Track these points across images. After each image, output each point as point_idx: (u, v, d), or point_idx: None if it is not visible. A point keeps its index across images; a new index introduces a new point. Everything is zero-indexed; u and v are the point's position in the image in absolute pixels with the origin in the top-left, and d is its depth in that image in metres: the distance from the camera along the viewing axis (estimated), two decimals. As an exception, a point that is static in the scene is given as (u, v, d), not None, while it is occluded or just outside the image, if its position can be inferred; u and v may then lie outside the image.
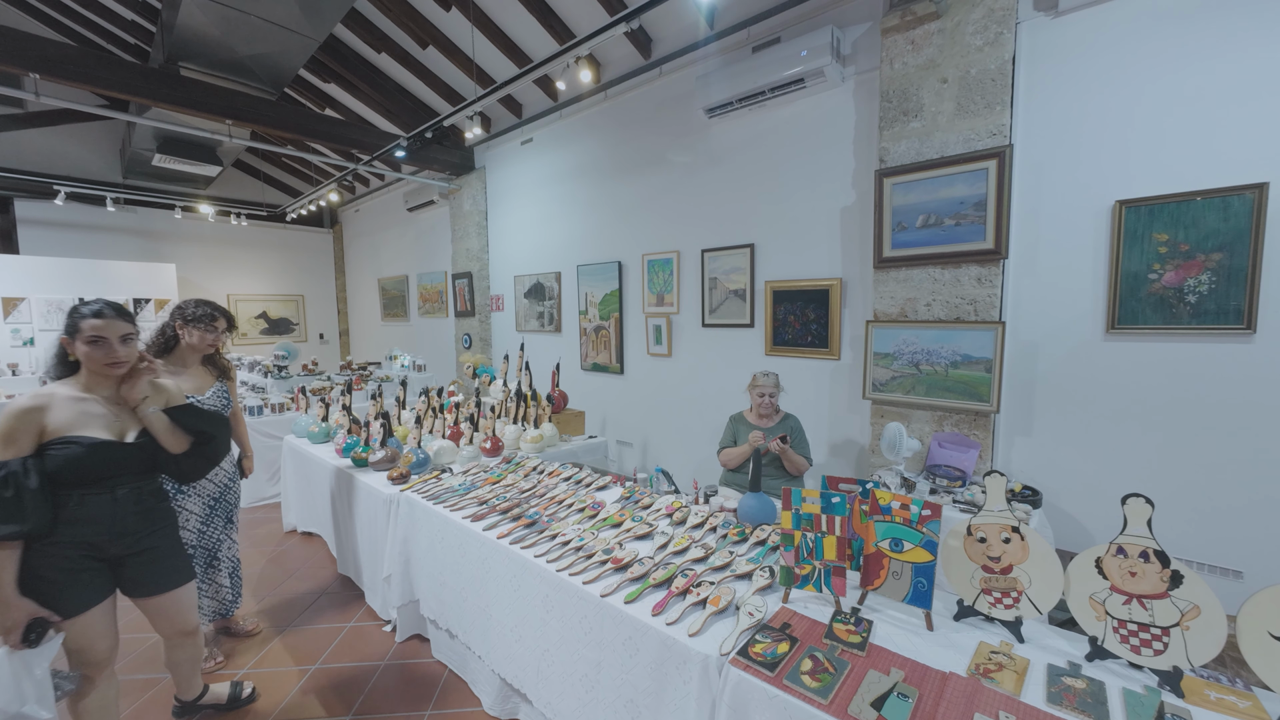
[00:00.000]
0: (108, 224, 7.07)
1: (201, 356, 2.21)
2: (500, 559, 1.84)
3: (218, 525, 2.29)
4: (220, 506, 2.29)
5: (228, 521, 2.34)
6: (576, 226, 4.89)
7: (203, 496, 2.21)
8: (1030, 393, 2.65)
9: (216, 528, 2.29)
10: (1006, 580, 1.29)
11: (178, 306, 2.17)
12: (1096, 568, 1.19)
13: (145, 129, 5.46)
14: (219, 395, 2.21)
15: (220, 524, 2.30)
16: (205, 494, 2.22)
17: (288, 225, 8.52)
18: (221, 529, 2.31)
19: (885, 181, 2.85)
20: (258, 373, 5.51)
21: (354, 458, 2.82)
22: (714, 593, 1.44)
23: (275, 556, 3.31)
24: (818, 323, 3.37)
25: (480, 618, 1.96)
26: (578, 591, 1.55)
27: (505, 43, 4.46)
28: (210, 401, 2.15)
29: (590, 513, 2.05)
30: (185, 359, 2.16)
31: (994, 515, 1.33)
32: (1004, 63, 2.50)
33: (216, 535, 2.29)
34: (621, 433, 4.71)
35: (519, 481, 2.43)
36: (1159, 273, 2.29)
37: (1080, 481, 2.55)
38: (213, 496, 2.25)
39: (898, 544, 1.37)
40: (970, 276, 2.66)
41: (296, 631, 2.55)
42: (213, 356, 2.27)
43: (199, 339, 2.15)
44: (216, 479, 2.25)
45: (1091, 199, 2.44)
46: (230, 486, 2.34)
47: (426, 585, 2.26)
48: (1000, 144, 2.52)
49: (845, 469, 3.36)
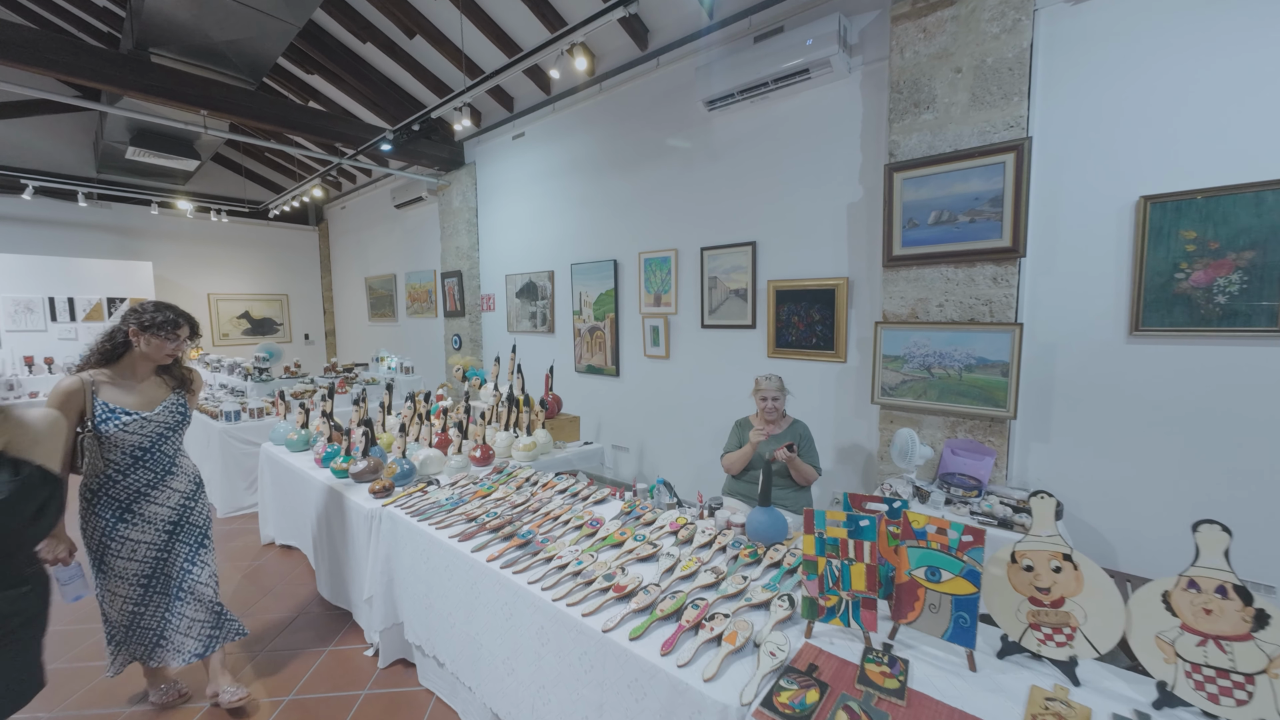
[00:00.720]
0: (80, 220, 6.79)
1: (155, 366, 1.94)
2: (491, 584, 1.69)
3: (182, 553, 1.97)
4: (184, 531, 1.98)
5: (198, 546, 2.01)
6: (570, 224, 4.72)
7: (154, 524, 1.91)
8: (1048, 397, 2.53)
9: (181, 555, 1.97)
10: (1058, 615, 1.16)
11: (133, 309, 1.91)
12: (1164, 603, 1.06)
13: (118, 121, 5.22)
14: (172, 410, 1.93)
15: (186, 550, 1.98)
16: (159, 520, 1.91)
17: (271, 222, 8.26)
18: (188, 556, 1.98)
19: (895, 176, 2.72)
20: (237, 375, 5.29)
21: (334, 468, 2.65)
22: (729, 627, 1.29)
23: (251, 572, 3.13)
24: (823, 324, 3.24)
25: (470, 646, 1.80)
26: (576, 625, 1.40)
27: (495, 32, 4.28)
28: (159, 418, 1.88)
29: (588, 530, 1.90)
30: (135, 368, 1.90)
31: (1042, 540, 1.19)
32: (1022, 51, 2.37)
33: (181, 564, 1.97)
34: (617, 437, 4.55)
35: (511, 495, 2.27)
36: (1186, 272, 2.18)
37: (1101, 491, 2.44)
38: (169, 521, 1.94)
39: (934, 573, 1.23)
40: (985, 276, 2.54)
41: (271, 656, 2.37)
42: (170, 365, 1.99)
43: (156, 348, 1.88)
44: (169, 501, 1.93)
45: (1114, 194, 2.32)
46: (190, 506, 2.01)
47: (411, 608, 2.09)
48: (1018, 136, 2.39)
49: (851, 476, 3.23)
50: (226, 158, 7.85)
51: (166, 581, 1.95)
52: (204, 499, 2.09)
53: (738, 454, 2.65)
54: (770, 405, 2.65)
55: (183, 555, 1.97)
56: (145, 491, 1.88)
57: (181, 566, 1.97)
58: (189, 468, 2.05)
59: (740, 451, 2.64)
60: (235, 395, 4.90)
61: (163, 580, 1.95)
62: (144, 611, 1.92)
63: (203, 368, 6.23)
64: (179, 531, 1.98)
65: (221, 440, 4.04)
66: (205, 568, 2.02)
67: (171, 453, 1.95)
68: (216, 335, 8.10)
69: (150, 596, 1.92)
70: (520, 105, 5.03)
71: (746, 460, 2.64)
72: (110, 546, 1.84)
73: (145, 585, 1.90)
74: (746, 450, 2.62)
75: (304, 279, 8.96)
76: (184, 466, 2.02)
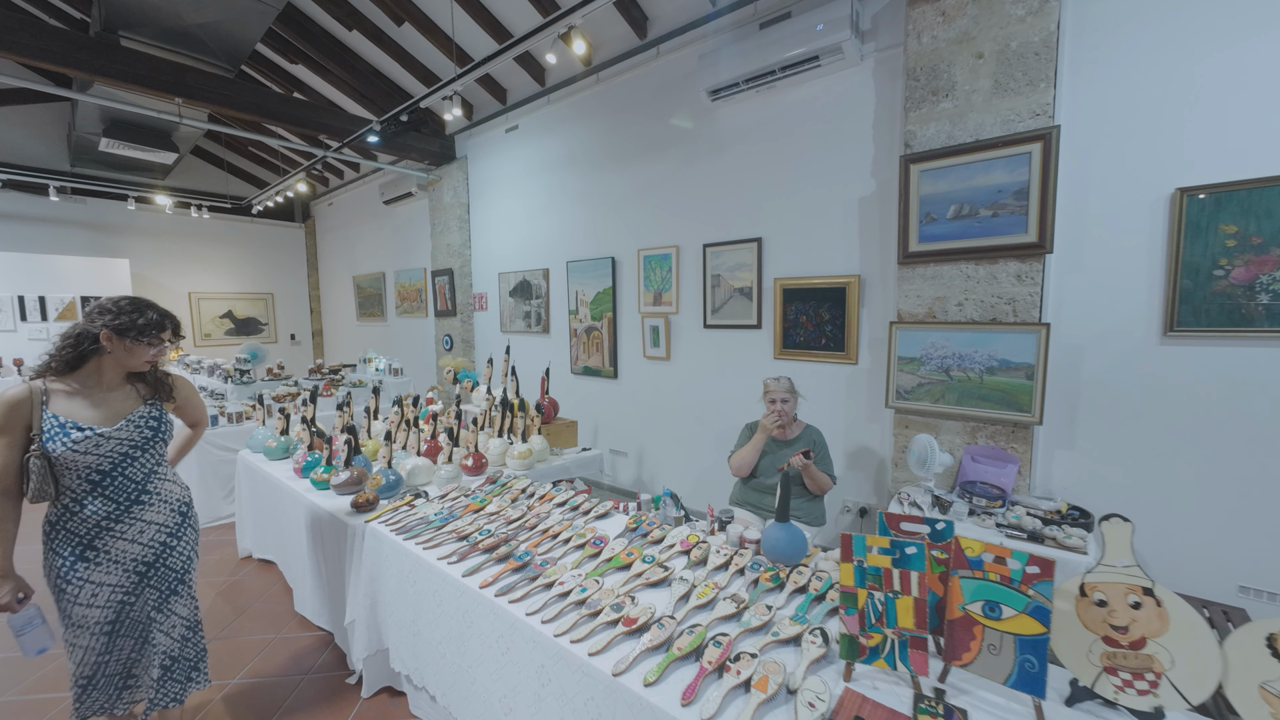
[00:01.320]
0: (52, 215, 6.51)
1: (128, 373, 1.62)
2: (484, 613, 1.52)
3: (150, 599, 1.63)
4: (156, 574, 1.63)
5: (169, 593, 1.66)
6: (566, 220, 4.55)
7: (122, 563, 1.57)
8: (1074, 401, 2.40)
9: (149, 602, 1.63)
10: (1139, 658, 1.01)
11: (103, 308, 1.54)
12: (1269, 647, 0.92)
13: (90, 110, 4.97)
14: (139, 425, 1.58)
15: (156, 597, 1.64)
16: (127, 559, 1.58)
17: (254, 219, 8.00)
18: (156, 605, 1.64)
19: (912, 168, 2.58)
20: (217, 377, 5.06)
21: (314, 479, 2.46)
22: (758, 669, 1.13)
23: (226, 589, 2.93)
24: (833, 324, 3.09)
25: (462, 679, 1.63)
26: (582, 665, 1.23)
27: (487, 19, 4.10)
28: (120, 435, 1.54)
29: (591, 550, 1.73)
30: (103, 376, 1.56)
31: (1117, 571, 1.05)
32: (1049, 34, 2.24)
33: (147, 612, 1.64)
34: (615, 442, 4.39)
35: (506, 508, 2.10)
36: (1226, 269, 2.05)
37: (1130, 500, 2.31)
38: (142, 561, 1.61)
39: (993, 608, 1.08)
40: (1009, 273, 2.40)
41: (243, 687, 2.18)
42: (144, 372, 1.65)
43: (134, 355, 1.56)
44: (144, 538, 1.60)
45: (1147, 186, 2.19)
46: (170, 544, 1.66)
47: (398, 635, 1.92)
48: (1045, 125, 2.26)
49: (862, 484, 3.09)
50: (207, 151, 7.59)
51: (133, 627, 1.64)
52: (190, 534, 1.73)
53: (748, 447, 2.50)
54: (779, 408, 2.51)
55: (151, 602, 1.64)
56: (108, 525, 1.55)
57: (148, 615, 1.64)
58: (171, 494, 1.69)
59: (750, 445, 2.50)
60: (214, 399, 4.67)
61: (128, 625, 1.63)
62: (108, 660, 1.62)
63: (182, 369, 5.99)
64: (151, 574, 1.63)
65: (199, 447, 3.82)
66: (171, 617, 1.66)
67: (139, 477, 1.60)
68: (199, 335, 7.83)
69: (115, 643, 1.62)
70: (513, 97, 4.85)
71: (757, 453, 2.49)
72: (67, 591, 1.52)
73: (109, 634, 1.59)
74: (757, 441, 2.48)
75: (289, 277, 8.70)
76: (163, 493, 1.66)
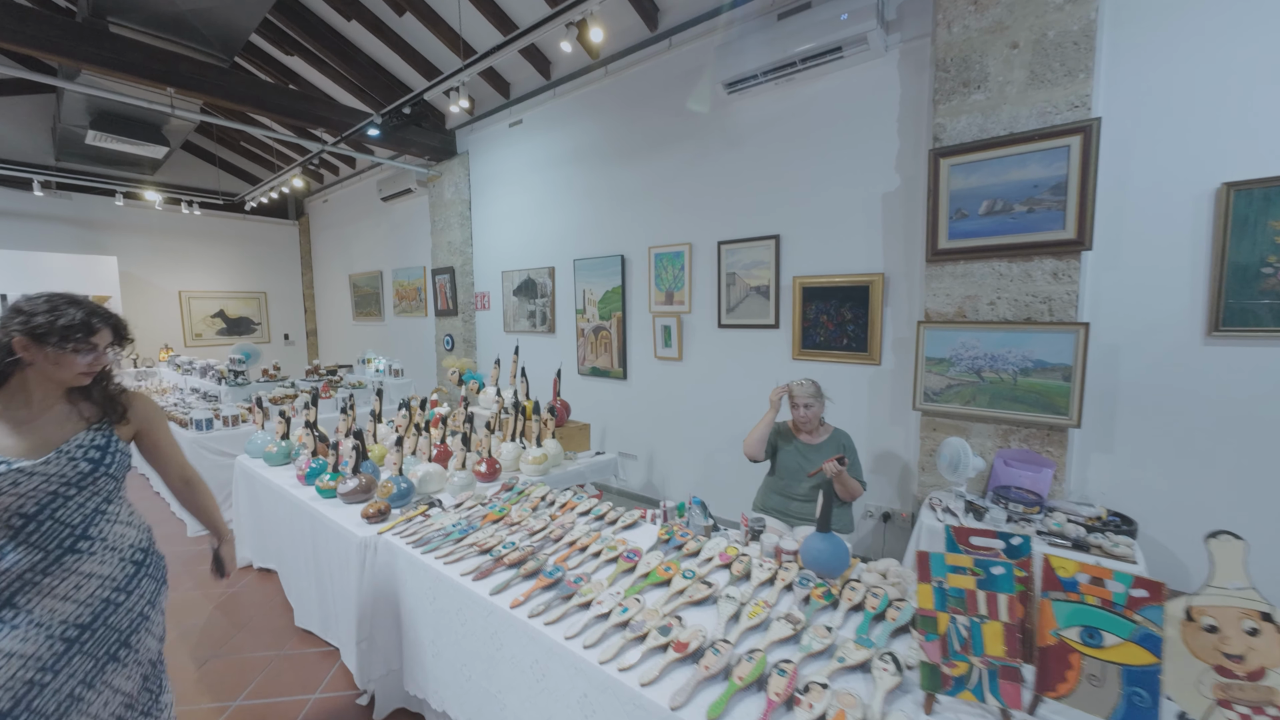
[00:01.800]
0: (36, 211, 6.30)
1: (66, 389, 1.27)
2: (516, 635, 1.41)
3: (77, 673, 1.19)
4: (92, 639, 1.22)
5: (106, 660, 1.24)
6: (573, 217, 4.43)
7: (46, 627, 1.16)
8: (1112, 403, 2.33)
9: (73, 678, 1.19)
10: (1258, 690, 0.92)
11: (14, 308, 1.20)
12: None
13: (76, 102, 4.78)
14: (76, 456, 1.22)
15: (86, 669, 1.21)
16: (55, 621, 1.17)
17: (247, 216, 7.81)
18: (85, 679, 1.20)
19: (942, 163, 2.49)
20: (210, 379, 4.90)
21: (319, 487, 2.33)
22: (832, 704, 1.03)
23: (224, 602, 2.79)
24: (855, 323, 3.00)
25: (490, 705, 1.51)
26: (633, 696, 1.13)
27: (492, 9, 3.98)
28: (48, 470, 1.17)
29: (625, 565, 1.62)
30: (30, 394, 1.22)
31: (1229, 594, 0.96)
32: (1088, 23, 2.16)
33: (66, 694, 1.17)
34: (624, 444, 4.28)
35: (527, 518, 1.99)
36: (1275, 266, 1.98)
37: (1171, 506, 2.24)
38: (75, 624, 1.19)
39: (1093, 635, 0.99)
40: (1044, 271, 2.32)
41: (248, 710, 2.05)
42: (89, 387, 1.30)
43: (61, 365, 1.20)
44: (80, 594, 1.20)
45: (1191, 181, 2.12)
46: (117, 602, 1.25)
47: (413, 655, 1.80)
48: (1083, 117, 2.18)
49: (885, 488, 3.01)
50: (198, 146, 7.39)
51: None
52: (146, 586, 1.32)
53: (759, 425, 2.47)
54: (804, 413, 2.42)
55: (77, 677, 1.19)
56: (32, 580, 1.16)
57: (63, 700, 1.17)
58: (122, 539, 1.29)
59: (761, 422, 2.47)
60: (208, 401, 4.51)
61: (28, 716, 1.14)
62: None
63: (171, 370, 5.80)
64: (86, 638, 1.21)
65: (192, 451, 3.67)
66: (103, 693, 1.23)
67: (77, 521, 1.21)
68: (189, 335, 7.64)
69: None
70: (517, 91, 4.72)
71: (768, 428, 2.46)
72: None
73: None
74: (767, 420, 2.46)
75: (283, 276, 8.51)
76: (111, 538, 1.26)
